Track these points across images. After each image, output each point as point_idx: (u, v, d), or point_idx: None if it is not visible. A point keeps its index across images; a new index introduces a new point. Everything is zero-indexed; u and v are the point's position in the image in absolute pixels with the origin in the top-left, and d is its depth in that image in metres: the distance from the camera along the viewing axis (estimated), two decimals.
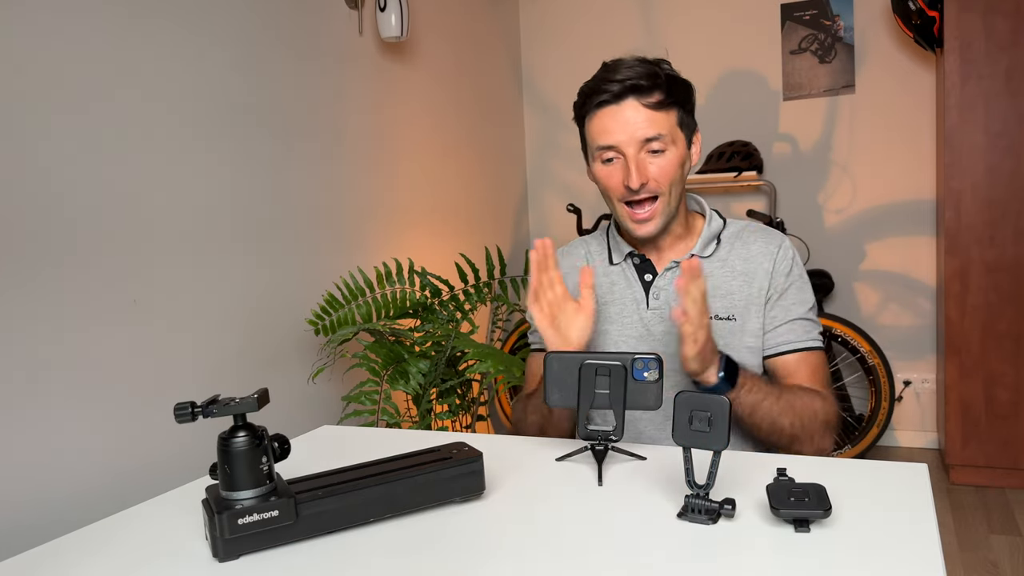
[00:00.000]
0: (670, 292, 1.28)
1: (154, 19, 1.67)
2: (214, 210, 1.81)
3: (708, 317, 1.06)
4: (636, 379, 0.92)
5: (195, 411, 0.77)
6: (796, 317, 1.27)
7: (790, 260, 1.29)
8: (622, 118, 1.19)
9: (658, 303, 1.28)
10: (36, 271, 1.41)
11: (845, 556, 0.70)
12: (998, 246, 2.58)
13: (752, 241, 1.30)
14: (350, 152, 2.32)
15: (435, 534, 0.81)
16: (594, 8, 3.40)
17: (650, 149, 1.19)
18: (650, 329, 1.28)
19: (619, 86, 1.18)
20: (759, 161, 3.07)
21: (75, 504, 1.45)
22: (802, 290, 1.28)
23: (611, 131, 1.20)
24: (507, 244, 3.36)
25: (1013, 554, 2.25)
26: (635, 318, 1.29)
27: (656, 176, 1.20)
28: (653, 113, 1.18)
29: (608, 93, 1.19)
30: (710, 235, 1.30)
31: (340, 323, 2.03)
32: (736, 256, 1.29)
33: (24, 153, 1.40)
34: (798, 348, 1.26)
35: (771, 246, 1.29)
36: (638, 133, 1.18)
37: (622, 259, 1.33)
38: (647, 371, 0.92)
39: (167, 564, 0.78)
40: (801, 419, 1.16)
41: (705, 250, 1.29)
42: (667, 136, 1.19)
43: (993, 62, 2.53)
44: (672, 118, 1.21)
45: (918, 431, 3.15)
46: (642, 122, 1.18)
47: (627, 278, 1.32)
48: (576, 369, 0.92)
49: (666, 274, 1.29)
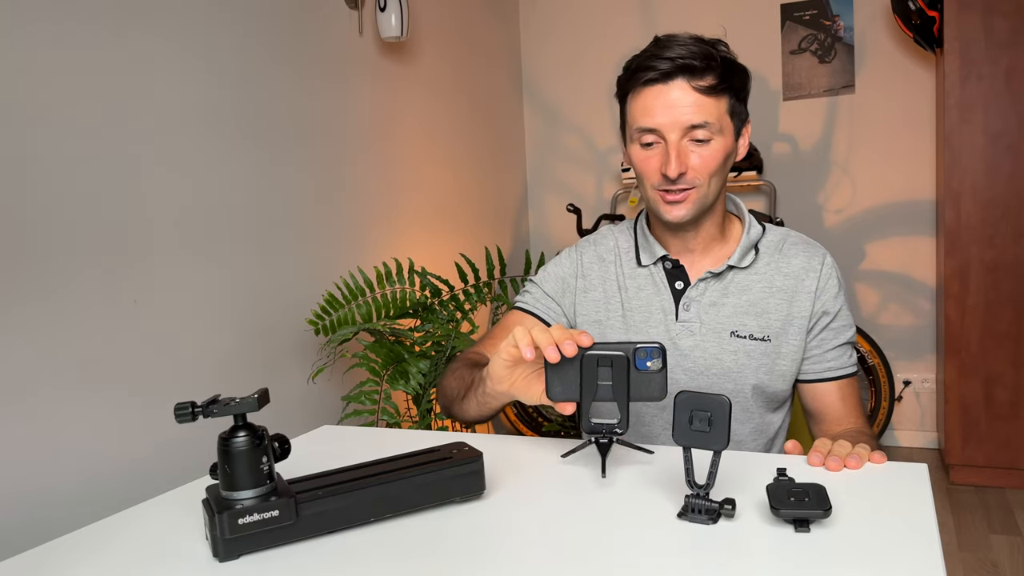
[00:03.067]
0: (702, 304, 1.20)
1: (154, 19, 1.67)
2: (214, 210, 1.81)
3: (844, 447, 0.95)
4: (639, 369, 0.88)
5: (195, 411, 0.77)
6: (845, 342, 1.21)
7: (836, 280, 1.21)
8: (668, 99, 1.09)
9: (688, 315, 1.20)
10: (36, 271, 1.41)
11: (845, 556, 0.70)
12: (997, 246, 2.58)
13: (794, 255, 1.21)
14: (350, 152, 2.32)
15: (435, 534, 0.81)
16: (594, 8, 3.40)
17: (694, 137, 1.11)
18: (677, 343, 1.20)
19: (669, 64, 1.08)
20: (759, 161, 3.07)
21: (75, 504, 1.45)
22: (849, 312, 1.23)
23: (654, 112, 1.10)
24: (507, 244, 3.36)
25: (1013, 554, 2.25)
26: (661, 329, 1.21)
27: (696, 166, 1.11)
28: (703, 98, 1.09)
29: (656, 71, 1.09)
30: (748, 244, 1.21)
31: (340, 323, 2.03)
32: (776, 271, 1.20)
33: (24, 153, 1.40)
34: (840, 375, 1.20)
35: (814, 261, 1.21)
36: (684, 118, 1.09)
37: (652, 262, 1.23)
38: (650, 360, 0.88)
39: (167, 564, 0.78)
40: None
41: (743, 260, 1.20)
42: (715, 124, 1.10)
43: (993, 62, 2.53)
44: (723, 105, 1.12)
45: (918, 431, 3.15)
46: (689, 106, 1.09)
47: (655, 284, 1.23)
48: (577, 361, 0.89)
49: (700, 285, 1.20)
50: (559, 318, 1.28)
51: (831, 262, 1.23)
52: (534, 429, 3.11)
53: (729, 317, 1.20)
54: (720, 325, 1.20)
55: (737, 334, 1.19)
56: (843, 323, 1.22)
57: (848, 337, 1.22)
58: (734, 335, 1.19)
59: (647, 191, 1.17)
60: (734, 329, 1.19)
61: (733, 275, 1.21)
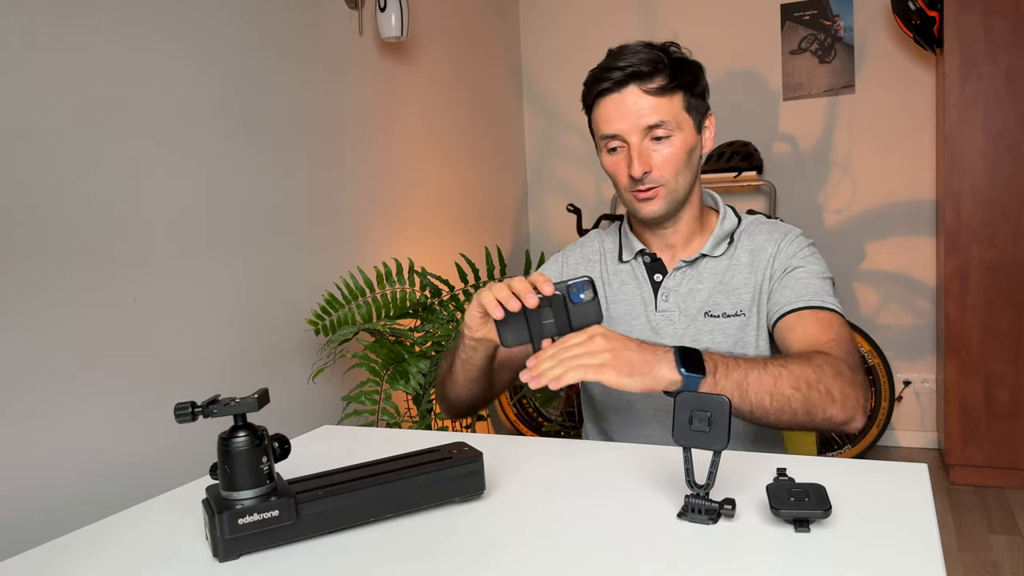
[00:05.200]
0: (679, 293, 1.25)
1: (154, 19, 1.67)
2: (214, 210, 1.81)
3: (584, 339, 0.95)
4: (575, 303, 0.98)
5: (195, 411, 0.77)
6: (808, 280, 1.18)
7: (799, 246, 1.23)
8: (624, 106, 1.16)
9: (667, 305, 1.25)
10: (36, 271, 1.41)
11: (845, 556, 0.70)
12: (997, 246, 2.58)
13: (759, 233, 1.26)
14: (350, 152, 2.32)
15: (435, 534, 0.81)
16: (594, 8, 3.40)
17: (654, 136, 1.17)
18: (658, 331, 1.25)
19: (620, 73, 1.16)
20: (759, 161, 3.07)
21: (75, 504, 1.45)
22: (814, 264, 1.21)
23: (613, 120, 1.18)
24: (507, 244, 3.36)
25: (1013, 554, 2.25)
26: (642, 320, 1.26)
27: (660, 164, 1.17)
28: (655, 99, 1.16)
29: (610, 80, 1.17)
30: (722, 234, 1.26)
31: (340, 323, 2.03)
32: (742, 249, 1.26)
33: (24, 153, 1.40)
34: (800, 307, 1.15)
35: (775, 234, 1.25)
36: (640, 121, 1.16)
37: (632, 256, 1.30)
38: (583, 293, 0.98)
39: (167, 564, 0.78)
40: (806, 379, 0.99)
41: (716, 249, 1.26)
42: (671, 122, 1.16)
43: (993, 62, 2.53)
44: (677, 103, 1.18)
45: (918, 431, 3.15)
46: (644, 109, 1.16)
47: (636, 277, 1.29)
48: (522, 310, 0.98)
49: (675, 274, 1.26)
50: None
51: (798, 235, 1.24)
52: (534, 429, 3.11)
53: (703, 301, 1.25)
54: (695, 309, 1.25)
55: (711, 314, 1.23)
56: (807, 272, 1.19)
57: (815, 275, 1.19)
58: (708, 315, 1.23)
59: (622, 194, 1.23)
60: (708, 310, 1.24)
61: (706, 262, 1.26)
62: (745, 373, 0.98)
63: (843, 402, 1.00)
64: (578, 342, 0.94)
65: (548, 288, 0.96)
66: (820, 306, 1.15)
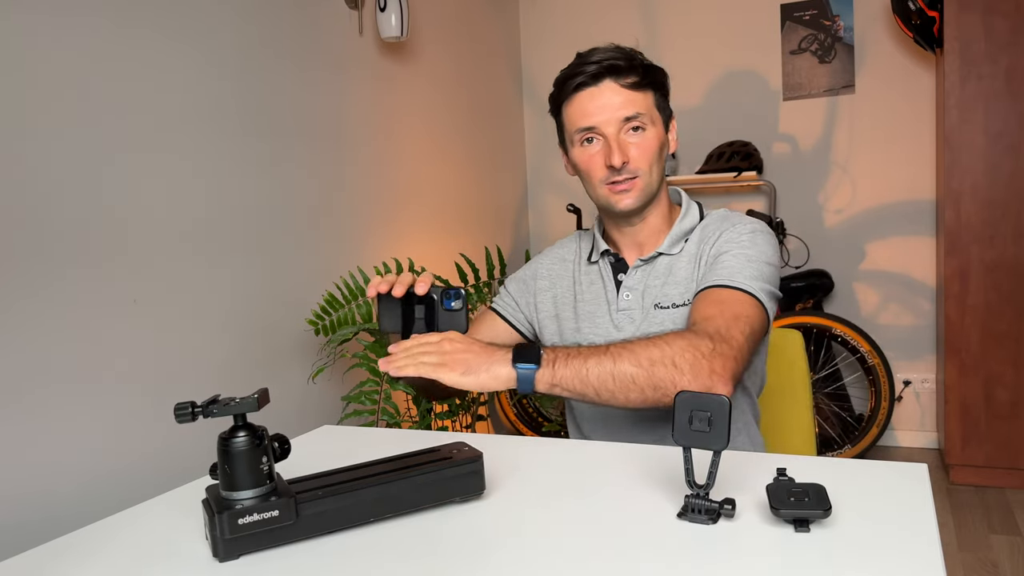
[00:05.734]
0: (638, 292, 1.27)
1: (154, 19, 1.67)
2: (214, 210, 1.81)
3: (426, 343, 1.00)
4: (446, 308, 1.05)
5: (195, 411, 0.77)
6: (726, 261, 1.17)
7: (737, 232, 1.21)
8: (601, 99, 1.19)
9: (627, 303, 1.27)
10: (36, 271, 1.41)
11: (845, 556, 0.70)
12: (997, 246, 2.58)
13: (710, 225, 1.27)
14: (350, 152, 2.32)
15: (435, 534, 0.81)
16: (594, 8, 3.40)
17: (631, 127, 1.20)
18: (620, 329, 1.27)
19: (596, 67, 1.18)
20: (759, 161, 3.07)
21: (75, 504, 1.45)
22: (747, 248, 1.18)
23: (590, 112, 1.20)
24: (507, 244, 3.36)
25: (1013, 554, 2.25)
26: (606, 319, 1.29)
27: (636, 156, 1.20)
28: (631, 92, 1.19)
29: (585, 75, 1.19)
30: (680, 232, 1.27)
31: (340, 323, 2.03)
32: (692, 242, 1.27)
33: (24, 153, 1.40)
34: (704, 287, 1.15)
35: (724, 224, 1.24)
36: (618, 112, 1.19)
37: (599, 257, 1.33)
38: (454, 301, 1.05)
39: (167, 564, 0.78)
40: (649, 357, 1.00)
41: (673, 248, 1.27)
42: (646, 115, 1.20)
43: (993, 62, 2.53)
44: (650, 99, 1.22)
45: (918, 431, 3.15)
46: (621, 102, 1.19)
47: (602, 277, 1.32)
48: (400, 301, 1.06)
49: (634, 272, 1.28)
50: (517, 314, 1.41)
51: (740, 224, 1.23)
52: (534, 429, 3.11)
53: (655, 294, 1.26)
54: (649, 303, 1.26)
55: (660, 305, 1.25)
56: (733, 255, 1.17)
57: (742, 257, 1.17)
58: (658, 307, 1.25)
59: (596, 189, 1.24)
60: (658, 302, 1.25)
61: (662, 259, 1.28)
62: (584, 360, 1.01)
63: (694, 372, 1.00)
64: (431, 341, 1.01)
65: (422, 288, 1.04)
66: (725, 284, 1.14)
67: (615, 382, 1.00)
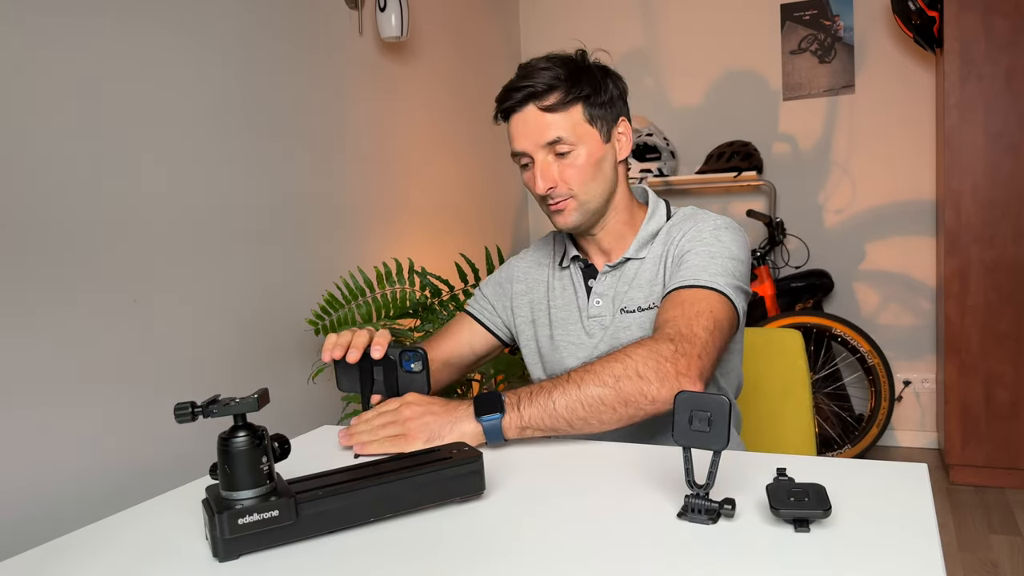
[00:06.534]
0: (608, 297, 1.26)
1: (154, 19, 1.67)
2: (214, 210, 1.81)
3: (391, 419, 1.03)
4: (405, 370, 1.06)
5: (195, 411, 0.77)
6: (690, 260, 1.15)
7: (700, 230, 1.19)
8: (525, 125, 1.19)
9: (598, 309, 1.27)
10: (36, 271, 1.41)
11: (845, 556, 0.70)
12: (997, 246, 2.58)
13: (676, 223, 1.25)
14: (350, 152, 2.32)
15: (435, 534, 0.81)
16: (594, 8, 3.40)
17: (556, 151, 1.19)
18: (591, 335, 1.27)
19: (519, 94, 1.19)
20: (759, 161, 3.07)
21: (75, 504, 1.45)
22: (711, 245, 1.16)
23: (517, 138, 1.21)
24: (507, 244, 3.36)
25: (1013, 554, 2.25)
26: (578, 326, 1.29)
27: (566, 178, 1.19)
28: (551, 116, 1.18)
29: (511, 100, 1.20)
30: (646, 235, 1.26)
31: (340, 323, 2.03)
32: (659, 243, 1.25)
33: (24, 152, 1.40)
34: (671, 289, 1.13)
35: (688, 223, 1.22)
36: (539, 138, 1.18)
37: (570, 262, 1.32)
38: (413, 363, 1.06)
39: (167, 564, 0.78)
40: (612, 373, 1.00)
41: (640, 252, 1.26)
42: (569, 136, 1.18)
43: (993, 62, 2.53)
44: (575, 116, 1.18)
45: (918, 431, 3.15)
46: (541, 126, 1.18)
47: (574, 284, 1.31)
48: (357, 360, 1.07)
49: (603, 279, 1.27)
50: (494, 318, 1.40)
51: (705, 222, 1.21)
52: None
53: (622, 298, 1.26)
54: (616, 308, 1.26)
55: (626, 310, 1.24)
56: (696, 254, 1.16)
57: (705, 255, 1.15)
58: (624, 311, 1.24)
59: (541, 207, 1.26)
60: (624, 306, 1.25)
61: (630, 264, 1.27)
62: (548, 393, 1.01)
63: (660, 378, 0.99)
64: (390, 409, 1.02)
65: (377, 353, 1.05)
66: (688, 284, 1.12)
67: (585, 408, 1.00)
